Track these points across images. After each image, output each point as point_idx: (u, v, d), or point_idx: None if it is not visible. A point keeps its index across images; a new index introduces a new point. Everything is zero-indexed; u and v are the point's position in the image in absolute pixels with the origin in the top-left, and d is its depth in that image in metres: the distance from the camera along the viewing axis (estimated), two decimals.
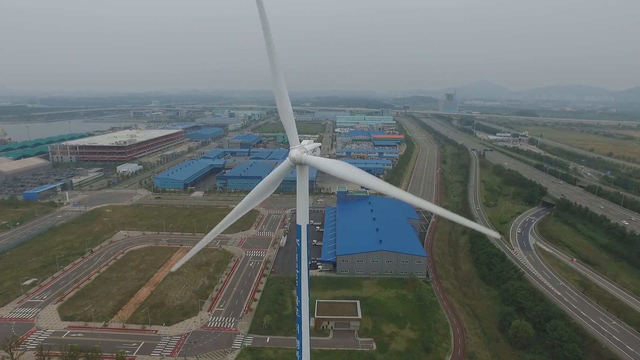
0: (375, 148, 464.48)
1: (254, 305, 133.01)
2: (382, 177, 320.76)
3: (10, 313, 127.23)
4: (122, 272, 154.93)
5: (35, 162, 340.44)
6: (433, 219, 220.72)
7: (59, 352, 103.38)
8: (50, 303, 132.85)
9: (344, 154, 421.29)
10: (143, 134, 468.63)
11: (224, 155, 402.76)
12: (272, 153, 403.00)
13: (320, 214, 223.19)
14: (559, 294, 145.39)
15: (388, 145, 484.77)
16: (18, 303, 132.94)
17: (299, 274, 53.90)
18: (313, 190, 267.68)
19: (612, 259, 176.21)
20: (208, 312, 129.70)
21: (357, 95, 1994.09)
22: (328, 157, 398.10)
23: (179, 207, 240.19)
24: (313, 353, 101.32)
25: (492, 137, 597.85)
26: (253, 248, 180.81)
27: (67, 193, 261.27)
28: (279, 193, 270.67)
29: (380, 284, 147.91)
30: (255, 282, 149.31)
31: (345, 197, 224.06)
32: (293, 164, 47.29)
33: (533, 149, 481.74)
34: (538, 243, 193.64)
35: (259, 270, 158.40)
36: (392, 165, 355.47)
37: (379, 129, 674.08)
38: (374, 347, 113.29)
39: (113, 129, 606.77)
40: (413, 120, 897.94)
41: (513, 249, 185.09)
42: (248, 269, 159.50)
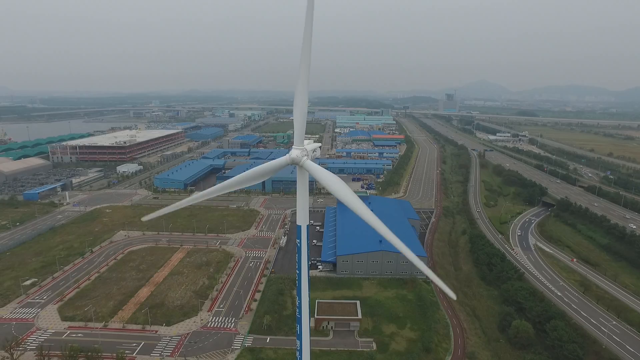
0: (375, 148, 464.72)
1: (254, 306, 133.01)
2: (382, 177, 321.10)
3: (11, 313, 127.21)
4: (122, 272, 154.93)
5: (35, 162, 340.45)
6: (433, 219, 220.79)
7: (59, 352, 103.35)
8: (51, 303, 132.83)
9: (344, 154, 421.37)
10: (143, 134, 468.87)
11: (224, 156, 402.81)
12: (272, 153, 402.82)
13: (320, 214, 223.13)
14: (559, 294, 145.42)
15: (388, 145, 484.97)
16: (18, 303, 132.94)
17: (299, 274, 53.91)
18: (313, 190, 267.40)
19: (612, 259, 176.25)
20: (208, 312, 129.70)
21: (357, 95, 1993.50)
22: (328, 156, 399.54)
23: None
24: (313, 353, 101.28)
25: (492, 137, 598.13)
26: (253, 248, 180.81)
27: (67, 193, 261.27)
28: (279, 193, 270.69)
29: (381, 284, 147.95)
30: (255, 282, 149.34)
31: None
32: (291, 163, 47.78)
33: (533, 149, 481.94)
34: (538, 243, 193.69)
35: (259, 271, 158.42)
36: (392, 165, 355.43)
37: (379, 129, 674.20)
38: (374, 347, 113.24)
39: (113, 129, 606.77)
40: (413, 120, 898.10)
41: (513, 249, 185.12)
42: (248, 269, 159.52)
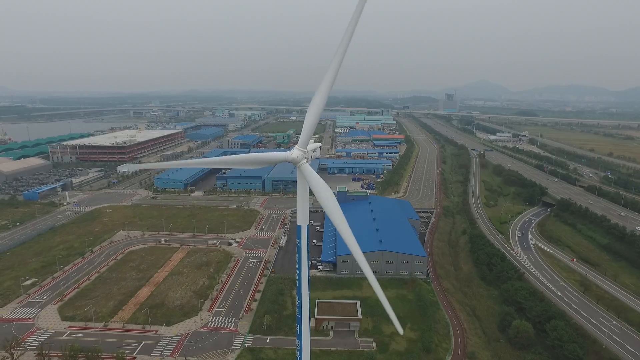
0: (375, 148, 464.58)
1: (254, 306, 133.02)
2: (382, 177, 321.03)
3: (11, 313, 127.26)
4: (122, 272, 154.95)
5: (36, 162, 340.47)
6: (433, 219, 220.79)
7: (59, 352, 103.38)
8: (51, 303, 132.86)
9: (344, 154, 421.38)
10: (143, 134, 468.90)
11: (224, 156, 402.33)
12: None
13: (320, 214, 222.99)
14: (559, 294, 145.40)
15: (388, 145, 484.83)
16: (18, 303, 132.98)
17: (299, 274, 54.02)
18: None
19: (612, 259, 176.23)
20: (208, 312, 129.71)
21: (357, 95, 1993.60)
22: (328, 156, 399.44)
23: (179, 207, 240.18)
24: (313, 353, 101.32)
25: (492, 137, 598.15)
26: (253, 248, 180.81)
27: (67, 193, 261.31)
28: (279, 193, 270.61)
29: (381, 284, 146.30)
30: (255, 282, 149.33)
31: (346, 197, 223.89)
32: (290, 162, 47.77)
33: (533, 149, 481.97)
34: (538, 243, 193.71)
35: (259, 271, 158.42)
36: (392, 165, 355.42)
37: (379, 129, 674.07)
38: (374, 347, 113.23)
39: (113, 129, 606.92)
40: (413, 120, 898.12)
41: (513, 249, 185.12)
42: (248, 269, 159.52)
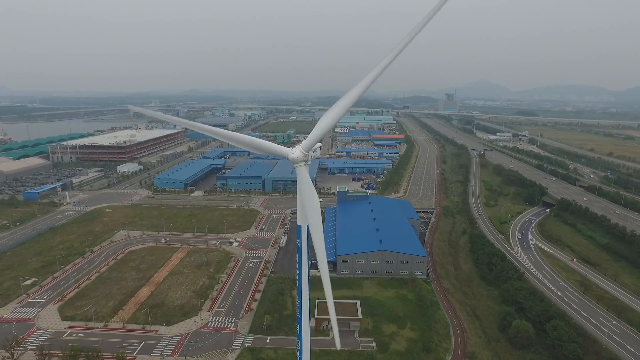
0: (375, 148, 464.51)
1: (254, 306, 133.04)
2: (382, 177, 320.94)
3: (11, 313, 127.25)
4: (122, 272, 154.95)
5: (36, 162, 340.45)
6: (433, 219, 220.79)
7: (60, 352, 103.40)
8: (51, 303, 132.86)
9: (344, 154, 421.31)
10: (143, 134, 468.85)
11: (224, 155, 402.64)
12: None
13: (321, 214, 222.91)
14: (559, 294, 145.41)
15: (388, 145, 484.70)
16: (18, 303, 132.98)
17: (299, 274, 54.10)
18: None
19: (612, 259, 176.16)
20: (208, 312, 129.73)
21: None
22: (328, 156, 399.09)
23: (179, 207, 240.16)
24: (313, 353, 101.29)
25: (492, 137, 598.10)
26: (253, 248, 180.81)
27: (67, 193, 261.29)
28: (279, 193, 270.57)
29: (381, 284, 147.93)
30: (256, 282, 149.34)
31: (346, 197, 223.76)
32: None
33: (533, 149, 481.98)
34: (538, 243, 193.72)
35: (259, 271, 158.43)
36: (392, 165, 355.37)
37: (379, 129, 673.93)
38: (374, 347, 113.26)
39: (113, 129, 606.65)
40: (413, 120, 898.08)
41: (513, 249, 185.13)
42: (248, 269, 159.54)
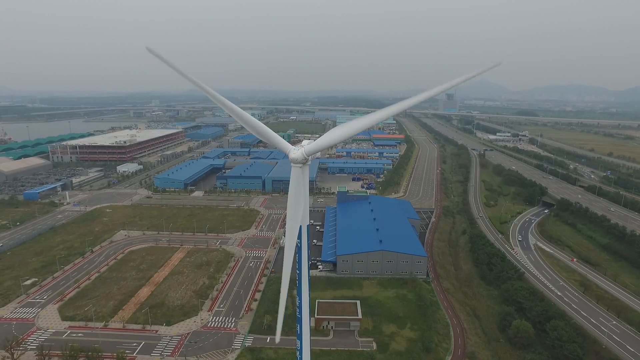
0: (375, 148, 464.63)
1: (254, 306, 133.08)
2: (382, 176, 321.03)
3: (11, 313, 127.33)
4: (122, 272, 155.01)
5: (36, 162, 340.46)
6: (433, 219, 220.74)
7: (60, 352, 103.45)
8: (51, 303, 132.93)
9: (344, 154, 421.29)
10: (143, 134, 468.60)
11: (224, 155, 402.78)
12: (272, 153, 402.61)
13: (320, 214, 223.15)
14: (559, 294, 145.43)
15: (388, 145, 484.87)
16: (18, 303, 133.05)
17: (299, 274, 54.08)
18: (313, 190, 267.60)
19: (612, 259, 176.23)
20: (208, 312, 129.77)
21: (357, 95, 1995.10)
22: (328, 156, 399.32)
23: (179, 207, 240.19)
24: (313, 353, 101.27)
25: (492, 136, 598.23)
26: (253, 248, 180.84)
27: (67, 193, 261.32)
28: (279, 193, 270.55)
29: (381, 284, 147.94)
30: (256, 282, 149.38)
31: (346, 197, 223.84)
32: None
33: (533, 149, 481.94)
34: (538, 243, 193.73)
35: (259, 270, 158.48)
36: (392, 165, 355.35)
37: (379, 129, 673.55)
38: (374, 347, 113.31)
39: (113, 129, 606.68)
40: (413, 120, 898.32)
41: (513, 249, 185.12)
42: (248, 269, 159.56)
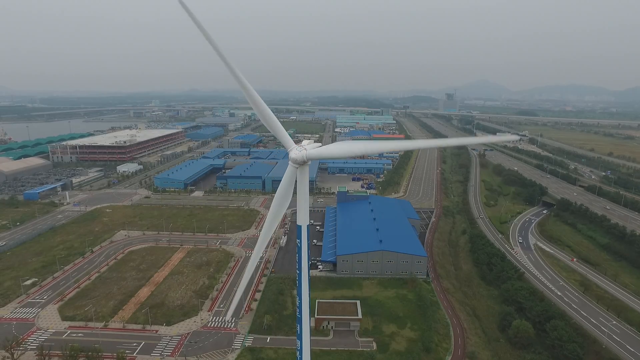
0: None
1: (254, 306, 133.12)
2: (382, 177, 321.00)
3: (11, 313, 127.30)
4: (122, 272, 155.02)
5: (36, 162, 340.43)
6: (433, 219, 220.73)
7: (60, 352, 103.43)
8: (51, 303, 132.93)
9: None
10: (143, 134, 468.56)
11: (224, 155, 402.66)
12: (272, 153, 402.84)
13: (320, 214, 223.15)
14: (559, 294, 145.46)
15: None
16: (18, 303, 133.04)
17: (299, 274, 54.04)
18: (313, 190, 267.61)
19: (612, 259, 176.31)
20: (208, 312, 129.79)
21: (357, 95, 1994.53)
22: None
23: (179, 207, 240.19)
24: (313, 353, 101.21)
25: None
26: (253, 248, 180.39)
27: (67, 193, 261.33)
28: None
29: (381, 284, 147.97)
30: (256, 282, 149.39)
31: (346, 197, 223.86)
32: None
33: (533, 149, 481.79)
34: (538, 243, 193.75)
35: (259, 270, 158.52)
36: (392, 165, 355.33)
37: (379, 129, 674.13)
38: (374, 347, 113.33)
39: (113, 129, 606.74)
40: (413, 120, 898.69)
41: (513, 249, 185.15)
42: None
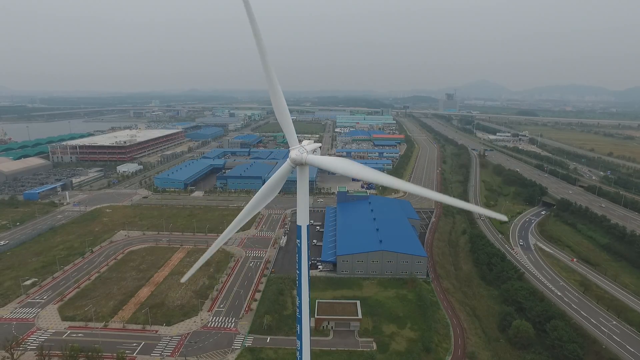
0: (375, 148, 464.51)
1: (254, 306, 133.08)
2: None
3: (11, 313, 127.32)
4: (122, 272, 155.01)
5: (36, 162, 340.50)
6: (433, 219, 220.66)
7: (60, 352, 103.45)
8: (51, 303, 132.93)
9: (344, 154, 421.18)
10: (143, 134, 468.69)
11: (224, 155, 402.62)
12: (272, 153, 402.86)
13: (320, 214, 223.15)
14: (559, 294, 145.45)
15: (388, 145, 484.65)
16: (18, 303, 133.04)
17: (299, 274, 53.99)
18: (313, 190, 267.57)
19: (612, 259, 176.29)
20: (208, 312, 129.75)
21: (357, 95, 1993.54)
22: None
23: (179, 207, 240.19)
24: (313, 353, 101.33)
25: (492, 137, 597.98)
26: (253, 248, 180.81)
27: (67, 193, 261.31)
28: (280, 193, 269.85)
29: (381, 284, 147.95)
30: (256, 282, 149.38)
31: (346, 197, 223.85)
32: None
33: (533, 149, 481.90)
34: (538, 243, 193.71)
35: (259, 271, 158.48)
36: (392, 165, 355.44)
37: (379, 129, 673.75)
38: (374, 347, 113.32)
39: (113, 129, 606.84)
40: (413, 120, 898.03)
41: (513, 249, 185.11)
42: (248, 269, 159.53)
